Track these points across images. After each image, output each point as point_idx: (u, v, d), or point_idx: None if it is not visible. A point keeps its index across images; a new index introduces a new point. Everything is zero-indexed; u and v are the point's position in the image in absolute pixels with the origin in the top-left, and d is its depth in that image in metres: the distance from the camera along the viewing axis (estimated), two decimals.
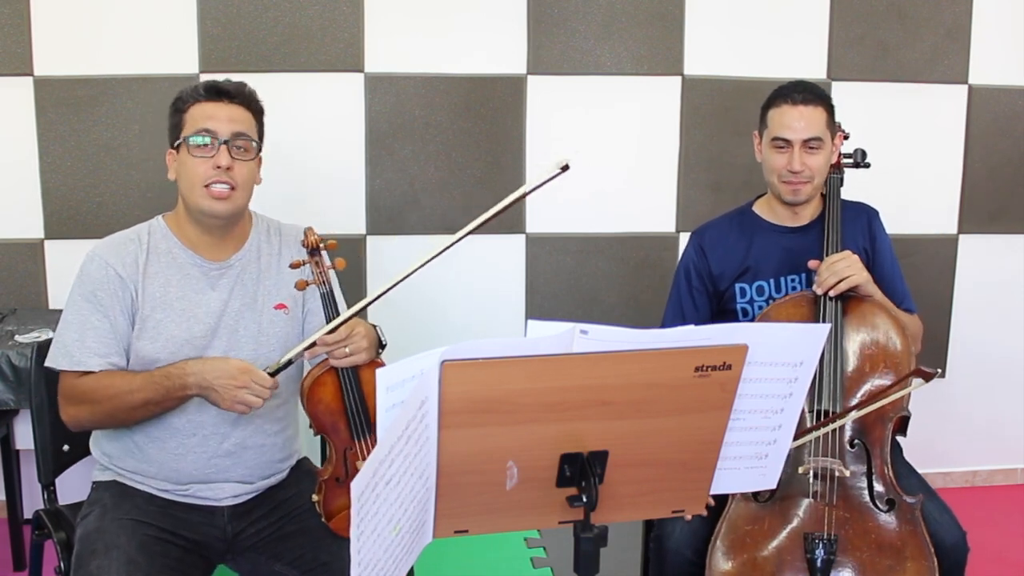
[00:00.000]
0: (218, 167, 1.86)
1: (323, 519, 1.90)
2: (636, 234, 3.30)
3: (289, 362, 1.87)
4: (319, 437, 3.08)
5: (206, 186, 1.87)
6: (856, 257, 2.10)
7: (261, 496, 2.00)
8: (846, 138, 2.32)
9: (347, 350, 1.85)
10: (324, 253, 1.94)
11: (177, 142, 1.91)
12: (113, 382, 1.84)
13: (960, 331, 3.48)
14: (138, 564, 1.75)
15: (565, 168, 1.54)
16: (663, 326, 2.35)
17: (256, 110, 1.98)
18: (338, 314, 1.88)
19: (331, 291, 1.90)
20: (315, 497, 1.91)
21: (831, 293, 2.07)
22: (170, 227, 1.97)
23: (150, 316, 1.88)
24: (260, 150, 1.99)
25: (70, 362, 1.85)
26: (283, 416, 2.03)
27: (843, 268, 2.07)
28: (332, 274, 1.94)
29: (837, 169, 2.28)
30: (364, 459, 1.87)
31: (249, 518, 1.97)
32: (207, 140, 1.87)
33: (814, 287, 2.10)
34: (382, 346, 1.98)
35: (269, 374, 1.84)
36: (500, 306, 3.28)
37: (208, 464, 1.92)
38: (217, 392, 1.78)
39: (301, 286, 1.89)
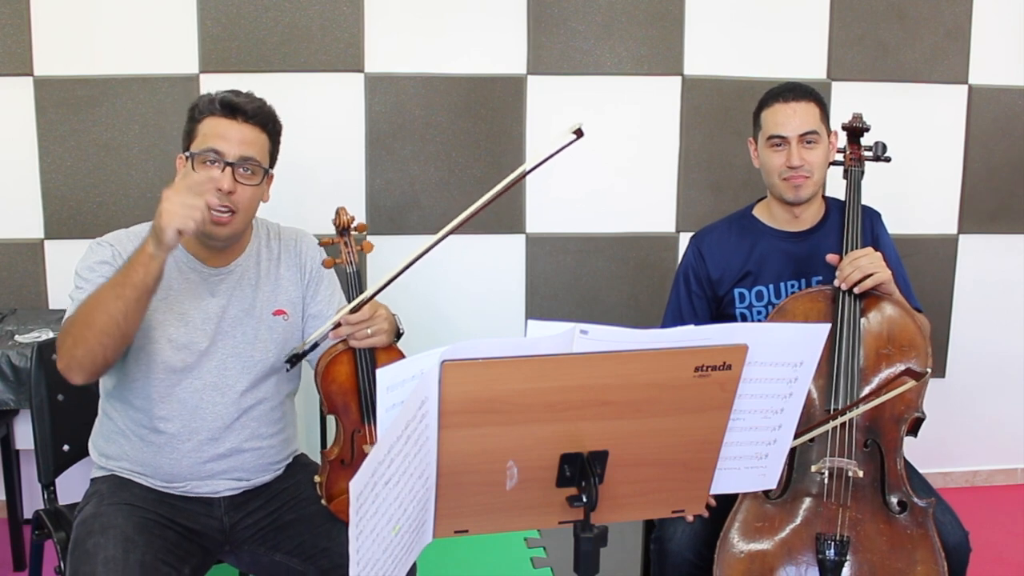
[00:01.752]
0: (220, 191, 1.82)
1: (324, 501, 1.90)
2: (636, 234, 3.30)
3: (315, 344, 1.88)
4: (318, 429, 3.09)
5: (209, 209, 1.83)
6: (879, 254, 2.06)
7: (258, 488, 2.00)
8: (866, 130, 2.29)
9: (369, 331, 1.86)
10: (354, 234, 1.94)
11: (187, 152, 1.88)
12: (86, 300, 1.76)
13: (960, 331, 3.48)
14: (135, 542, 1.76)
15: (579, 133, 1.54)
16: (660, 327, 2.35)
17: (272, 131, 1.93)
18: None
19: (357, 272, 1.91)
20: (318, 478, 1.91)
21: (856, 290, 2.03)
22: None
23: (151, 315, 1.87)
24: (269, 171, 1.95)
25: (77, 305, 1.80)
26: (280, 418, 2.03)
27: (867, 264, 2.03)
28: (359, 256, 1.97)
29: (858, 163, 2.26)
30: (371, 442, 1.89)
31: (246, 509, 1.98)
32: (213, 160, 1.84)
33: (836, 282, 2.06)
34: (399, 334, 1.98)
35: (295, 355, 1.89)
36: (500, 306, 3.28)
37: (203, 467, 1.93)
38: (161, 216, 1.66)
39: (328, 264, 1.89)
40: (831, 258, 2.12)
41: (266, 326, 1.97)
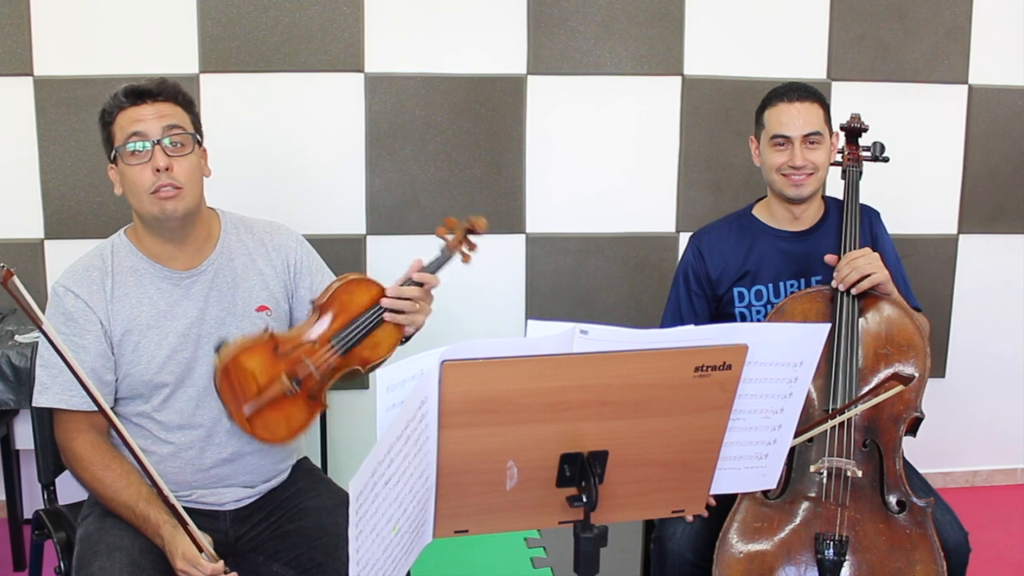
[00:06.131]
0: (157, 170, 1.79)
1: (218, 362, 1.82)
2: (636, 234, 3.30)
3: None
4: (318, 430, 3.07)
5: (153, 192, 1.81)
6: (876, 255, 2.07)
7: (263, 499, 1.99)
8: (864, 130, 2.29)
9: (406, 309, 1.85)
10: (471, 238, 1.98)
11: (112, 154, 1.85)
12: (99, 476, 1.82)
13: (960, 331, 3.48)
14: (141, 567, 1.74)
15: None
16: (661, 328, 2.35)
17: (184, 102, 1.89)
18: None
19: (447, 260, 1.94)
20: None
21: (852, 291, 2.03)
22: (132, 241, 1.92)
23: (126, 340, 1.85)
24: (200, 142, 1.91)
25: (49, 399, 1.84)
26: None
27: (864, 265, 2.03)
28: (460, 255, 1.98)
29: (856, 163, 2.26)
30: (311, 361, 1.83)
31: (250, 522, 1.96)
32: (140, 145, 1.80)
33: (833, 282, 2.06)
34: (406, 338, 1.95)
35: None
36: (500, 306, 3.28)
37: (208, 473, 1.91)
38: (171, 561, 1.76)
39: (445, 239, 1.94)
40: (829, 259, 2.12)
41: (250, 323, 1.92)
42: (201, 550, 1.70)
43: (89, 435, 1.84)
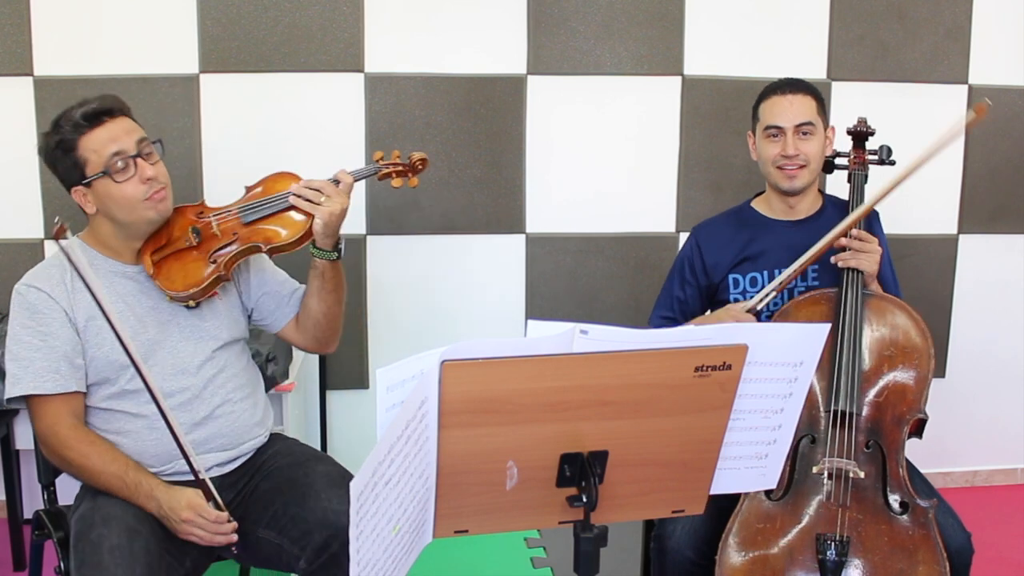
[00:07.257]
0: (148, 179, 1.88)
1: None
2: (636, 234, 3.30)
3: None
4: (318, 427, 3.06)
5: (147, 199, 1.89)
6: (879, 252, 2.12)
7: (244, 465, 2.04)
8: (871, 134, 2.31)
9: (321, 200, 1.94)
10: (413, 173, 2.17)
11: (87, 179, 1.90)
12: (86, 452, 1.85)
13: (960, 331, 3.48)
14: (138, 531, 1.78)
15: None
16: (652, 312, 2.43)
17: (130, 112, 1.96)
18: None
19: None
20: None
21: (840, 265, 2.10)
22: (87, 243, 1.99)
23: (90, 325, 1.90)
24: (163, 144, 1.99)
25: (23, 387, 1.86)
26: (246, 383, 2.06)
27: (864, 257, 2.10)
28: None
29: (862, 166, 2.28)
30: (216, 221, 1.98)
31: (235, 488, 2.01)
32: (123, 163, 1.87)
33: (834, 258, 2.13)
34: (338, 250, 2.02)
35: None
36: (500, 306, 3.28)
37: (186, 440, 1.94)
38: (170, 522, 1.80)
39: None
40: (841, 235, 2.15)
41: (204, 306, 2.00)
42: (209, 499, 1.78)
43: (70, 419, 1.87)
